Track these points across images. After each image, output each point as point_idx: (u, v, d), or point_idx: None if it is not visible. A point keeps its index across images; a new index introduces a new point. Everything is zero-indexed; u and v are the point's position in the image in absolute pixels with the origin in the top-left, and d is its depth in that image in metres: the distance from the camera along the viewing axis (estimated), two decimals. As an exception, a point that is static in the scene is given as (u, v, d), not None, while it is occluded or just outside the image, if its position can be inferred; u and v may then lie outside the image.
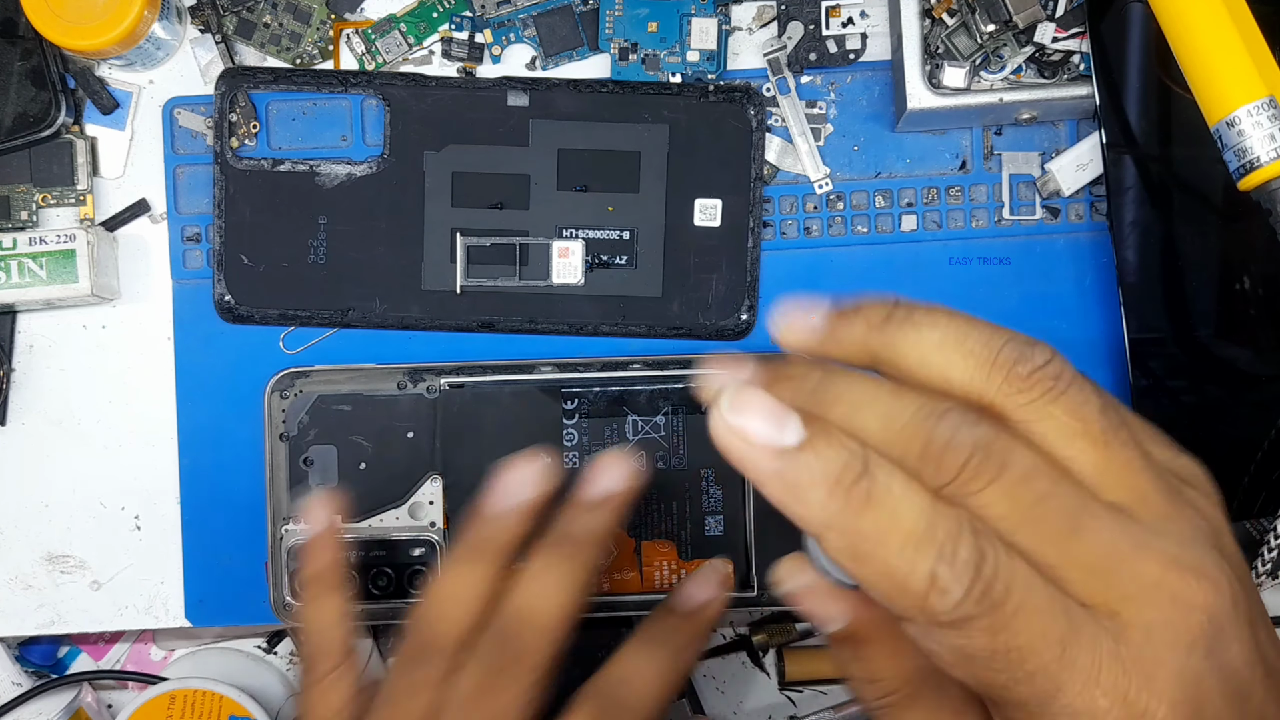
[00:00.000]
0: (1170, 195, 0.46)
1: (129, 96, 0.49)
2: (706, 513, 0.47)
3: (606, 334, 0.48)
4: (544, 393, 0.47)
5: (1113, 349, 0.48)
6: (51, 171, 0.49)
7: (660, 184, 0.48)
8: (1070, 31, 0.46)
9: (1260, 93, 0.39)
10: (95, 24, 0.45)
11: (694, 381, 0.32)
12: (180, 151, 0.49)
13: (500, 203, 0.48)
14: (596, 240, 0.48)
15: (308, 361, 0.48)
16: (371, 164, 0.48)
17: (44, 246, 0.47)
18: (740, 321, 0.48)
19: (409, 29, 0.49)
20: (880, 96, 0.49)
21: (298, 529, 0.47)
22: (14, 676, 0.52)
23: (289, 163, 0.48)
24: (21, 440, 0.49)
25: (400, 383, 0.47)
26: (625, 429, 0.47)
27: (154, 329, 0.49)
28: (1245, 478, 0.46)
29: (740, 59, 0.49)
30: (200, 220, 0.49)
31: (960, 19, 0.47)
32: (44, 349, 0.49)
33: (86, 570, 0.49)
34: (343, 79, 0.48)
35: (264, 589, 0.48)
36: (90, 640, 0.56)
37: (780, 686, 0.54)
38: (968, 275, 0.48)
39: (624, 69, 0.48)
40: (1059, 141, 0.49)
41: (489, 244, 0.48)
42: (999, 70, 0.47)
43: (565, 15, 0.49)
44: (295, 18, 0.49)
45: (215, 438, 0.49)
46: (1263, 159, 0.39)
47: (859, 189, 0.49)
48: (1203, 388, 0.46)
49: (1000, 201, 0.48)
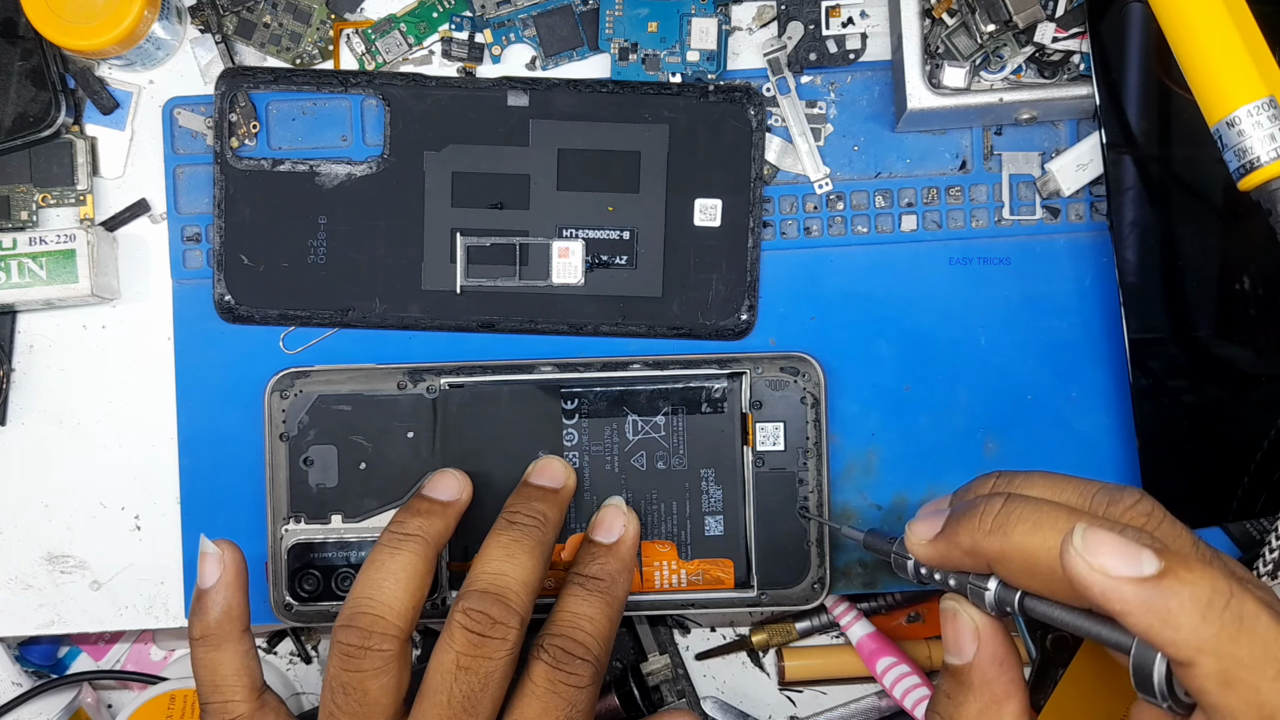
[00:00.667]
0: (1170, 195, 0.46)
1: (129, 96, 0.49)
2: (706, 513, 0.47)
3: (606, 334, 0.48)
4: (544, 393, 0.47)
5: (1113, 349, 0.48)
6: (51, 171, 0.49)
7: (660, 184, 0.48)
8: (1070, 31, 0.46)
9: (1260, 93, 0.39)
10: (95, 24, 0.45)
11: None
12: (180, 151, 0.49)
13: (500, 203, 0.48)
14: (596, 240, 0.48)
15: (308, 361, 0.48)
16: (371, 164, 0.48)
17: (44, 246, 0.47)
18: (740, 322, 0.48)
19: (409, 29, 0.49)
20: (880, 96, 0.49)
21: (298, 529, 0.47)
22: (14, 676, 0.52)
23: (289, 163, 0.48)
24: (21, 440, 0.49)
25: (400, 383, 0.47)
26: (625, 429, 0.47)
27: (154, 329, 0.49)
28: (1245, 478, 0.46)
29: (740, 59, 0.49)
30: (200, 220, 0.49)
31: (960, 19, 0.47)
32: (44, 349, 0.49)
33: (86, 570, 0.49)
34: (343, 79, 0.48)
35: (264, 589, 0.48)
36: (90, 640, 0.56)
37: (780, 686, 0.54)
38: (968, 275, 0.48)
39: (624, 69, 0.48)
40: (1059, 141, 0.49)
41: (489, 244, 0.48)
42: (999, 70, 0.47)
43: (565, 15, 0.49)
44: (295, 18, 0.49)
45: (215, 438, 0.49)
46: (1263, 159, 0.39)
47: (859, 189, 0.49)
48: (1203, 388, 0.46)
49: (1000, 201, 0.48)
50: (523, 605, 0.40)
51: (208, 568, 0.42)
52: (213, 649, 0.41)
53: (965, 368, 0.48)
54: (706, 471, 0.47)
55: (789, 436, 0.47)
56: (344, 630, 0.40)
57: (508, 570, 0.40)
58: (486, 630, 0.39)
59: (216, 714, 0.41)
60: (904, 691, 0.50)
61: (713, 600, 0.47)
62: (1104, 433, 0.48)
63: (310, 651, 0.55)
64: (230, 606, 0.42)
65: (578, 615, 0.41)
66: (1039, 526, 0.31)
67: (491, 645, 0.39)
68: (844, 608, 0.52)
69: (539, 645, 0.41)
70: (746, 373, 0.47)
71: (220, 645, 0.41)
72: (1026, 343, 0.48)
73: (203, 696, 0.41)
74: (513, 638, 0.39)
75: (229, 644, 0.41)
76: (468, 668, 0.39)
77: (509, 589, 0.40)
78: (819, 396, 0.47)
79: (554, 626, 0.41)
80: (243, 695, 0.41)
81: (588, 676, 0.40)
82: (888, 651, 0.51)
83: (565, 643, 0.40)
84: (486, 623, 0.39)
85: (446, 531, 0.43)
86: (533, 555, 0.41)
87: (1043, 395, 0.48)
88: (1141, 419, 0.46)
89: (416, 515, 0.43)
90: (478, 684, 0.39)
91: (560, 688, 0.39)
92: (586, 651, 0.40)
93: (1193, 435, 0.46)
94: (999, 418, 0.48)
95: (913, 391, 0.48)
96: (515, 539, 0.41)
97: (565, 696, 0.39)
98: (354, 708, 0.39)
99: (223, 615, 0.41)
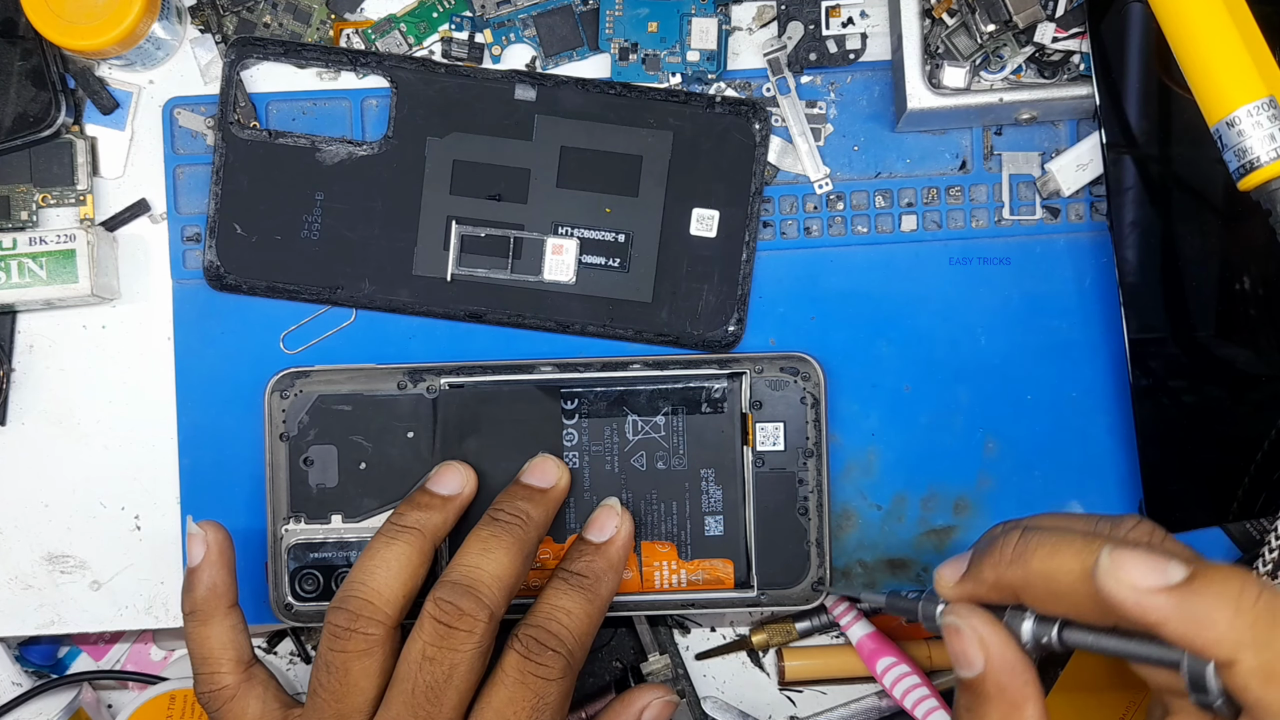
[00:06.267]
0: (1170, 195, 0.46)
1: (129, 96, 0.49)
2: (707, 513, 0.47)
3: (593, 335, 0.48)
4: (544, 393, 0.47)
5: (1113, 349, 0.48)
6: (51, 171, 0.49)
7: (660, 190, 0.48)
8: (1070, 31, 0.46)
9: (1260, 93, 0.40)
10: (95, 24, 0.45)
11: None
12: (180, 151, 0.49)
13: (498, 194, 0.48)
14: (591, 240, 0.48)
15: (308, 361, 0.48)
16: (373, 145, 0.48)
17: (44, 246, 0.47)
18: (728, 334, 0.48)
19: (409, 29, 0.49)
20: (880, 96, 0.49)
21: (298, 529, 0.47)
22: (14, 676, 0.52)
23: (291, 136, 0.48)
24: (21, 440, 0.49)
25: (400, 383, 0.47)
26: (625, 429, 0.47)
27: (154, 329, 0.49)
28: (1245, 478, 0.46)
29: (740, 59, 0.49)
30: (200, 220, 0.49)
31: (960, 19, 0.47)
32: (44, 349, 0.49)
33: (86, 570, 0.49)
34: (352, 58, 0.48)
35: (264, 589, 0.48)
36: (90, 640, 0.56)
37: (780, 686, 0.54)
38: (968, 275, 0.48)
39: (624, 69, 0.48)
40: (1059, 141, 0.49)
41: (483, 234, 0.48)
42: (999, 70, 0.47)
43: (565, 15, 0.49)
44: (295, 18, 0.49)
45: (215, 438, 0.49)
46: (1263, 159, 0.39)
47: (859, 189, 0.49)
48: (1203, 388, 0.46)
49: (1000, 201, 0.48)
50: (494, 599, 0.40)
51: (194, 548, 0.44)
52: (200, 624, 0.43)
53: (965, 368, 0.48)
54: (706, 471, 0.47)
55: (789, 436, 0.47)
56: (334, 611, 0.41)
57: (482, 564, 0.41)
58: (454, 621, 0.39)
59: (205, 684, 0.43)
60: (904, 691, 0.50)
61: (713, 600, 0.47)
62: (1104, 433, 0.48)
63: (310, 651, 0.55)
64: (215, 584, 0.43)
65: (555, 608, 0.41)
66: (1056, 550, 0.32)
67: (458, 637, 0.39)
68: (844, 608, 0.52)
69: (514, 635, 0.41)
70: (746, 373, 0.47)
71: (207, 620, 0.43)
72: (1026, 343, 0.48)
73: (193, 669, 0.43)
74: (480, 630, 0.40)
75: (215, 619, 0.43)
76: (433, 658, 0.39)
77: (481, 582, 0.40)
78: (819, 396, 0.47)
79: (531, 617, 0.41)
80: (229, 668, 0.43)
81: (558, 669, 0.40)
82: (888, 651, 0.51)
83: (539, 633, 0.40)
84: (455, 614, 0.39)
85: (445, 525, 0.44)
86: (510, 552, 0.41)
87: (1043, 395, 0.48)
88: (1141, 419, 0.46)
89: (416, 508, 0.43)
90: (441, 675, 0.39)
91: (529, 679, 0.40)
92: (560, 644, 0.40)
93: (1193, 435, 0.46)
94: (999, 418, 0.48)
95: (913, 391, 0.48)
96: (494, 534, 0.42)
97: (533, 688, 0.40)
98: (335, 686, 0.40)
99: (208, 592, 0.43)
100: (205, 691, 0.43)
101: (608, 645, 0.52)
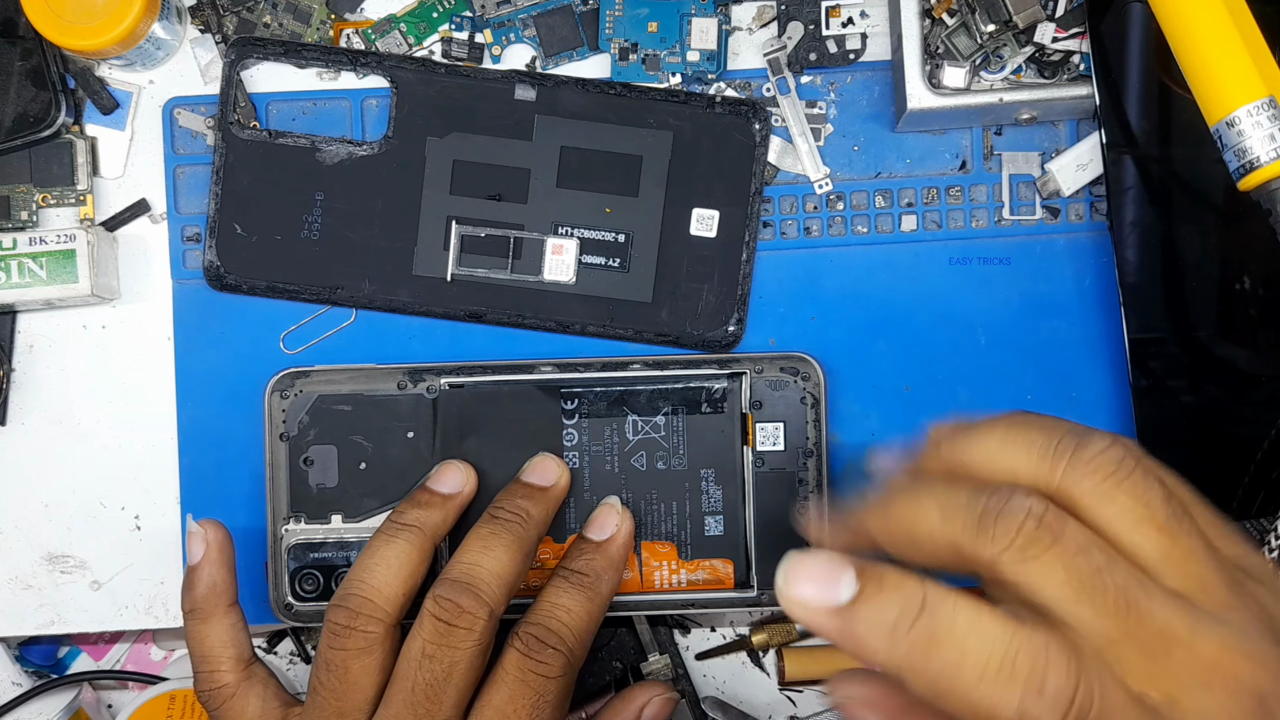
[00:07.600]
0: (1170, 195, 0.46)
1: (129, 96, 0.49)
2: (706, 513, 0.47)
3: (593, 335, 0.48)
4: (544, 393, 0.47)
5: (1113, 349, 0.48)
6: (51, 171, 0.49)
7: (660, 190, 0.48)
8: (1070, 31, 0.46)
9: (1260, 93, 0.40)
10: (95, 24, 0.45)
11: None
12: (180, 151, 0.49)
13: (499, 194, 0.48)
14: (591, 240, 0.48)
15: (308, 361, 0.48)
16: (373, 145, 0.48)
17: (44, 246, 0.47)
18: (727, 334, 0.48)
19: (409, 29, 0.49)
20: (880, 96, 0.49)
21: (298, 529, 0.47)
22: (14, 676, 0.52)
23: (291, 136, 0.48)
24: (21, 440, 0.49)
25: (400, 383, 0.47)
26: (625, 429, 0.47)
27: (154, 329, 0.49)
28: (1245, 478, 0.46)
29: (740, 59, 0.49)
30: (200, 220, 0.49)
31: (960, 19, 0.47)
32: (44, 349, 0.49)
33: (86, 570, 0.49)
34: (352, 58, 0.48)
35: (264, 589, 0.48)
36: (90, 640, 0.56)
37: (780, 686, 0.54)
38: (968, 275, 0.48)
39: (624, 69, 0.48)
40: (1059, 141, 0.49)
41: (483, 234, 0.48)
42: (999, 70, 0.47)
43: (565, 15, 0.49)
44: (295, 18, 0.49)
45: (215, 438, 0.49)
46: (1263, 159, 0.39)
47: (859, 189, 0.49)
48: (1203, 388, 0.46)
49: (1000, 201, 0.48)
50: (494, 597, 0.40)
51: (194, 546, 0.44)
52: (200, 622, 0.43)
53: (965, 368, 0.48)
54: (706, 471, 0.47)
55: (789, 436, 0.47)
56: (334, 609, 0.41)
57: (482, 562, 0.41)
58: (454, 619, 0.39)
59: (205, 683, 0.43)
60: (904, 691, 0.50)
61: (713, 600, 0.47)
62: (1104, 433, 0.48)
63: (310, 651, 0.55)
64: (215, 582, 0.43)
65: (556, 605, 0.41)
66: (917, 509, 0.30)
67: (458, 635, 0.39)
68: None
69: (513, 633, 0.41)
70: (746, 373, 0.47)
71: (207, 618, 0.43)
72: (1026, 342, 0.48)
73: (193, 667, 0.43)
74: (480, 628, 0.40)
75: (215, 617, 0.43)
76: (432, 656, 0.39)
77: (480, 579, 0.40)
78: (819, 396, 0.47)
79: (531, 615, 0.41)
80: (229, 666, 0.43)
81: (559, 667, 0.40)
82: (888, 651, 0.51)
83: (539, 631, 0.40)
84: (455, 611, 0.39)
85: (445, 524, 0.44)
86: (509, 550, 0.41)
87: (1043, 395, 0.48)
88: (1141, 419, 0.46)
89: (416, 507, 0.43)
90: (441, 673, 0.39)
91: (529, 676, 0.40)
92: (560, 641, 0.40)
93: (1193, 435, 0.46)
94: (999, 418, 0.48)
95: (913, 391, 0.48)
96: (494, 532, 0.42)
97: (533, 686, 0.40)
98: (335, 684, 0.40)
99: (208, 590, 0.43)
100: (205, 690, 0.43)
101: (608, 645, 0.52)
